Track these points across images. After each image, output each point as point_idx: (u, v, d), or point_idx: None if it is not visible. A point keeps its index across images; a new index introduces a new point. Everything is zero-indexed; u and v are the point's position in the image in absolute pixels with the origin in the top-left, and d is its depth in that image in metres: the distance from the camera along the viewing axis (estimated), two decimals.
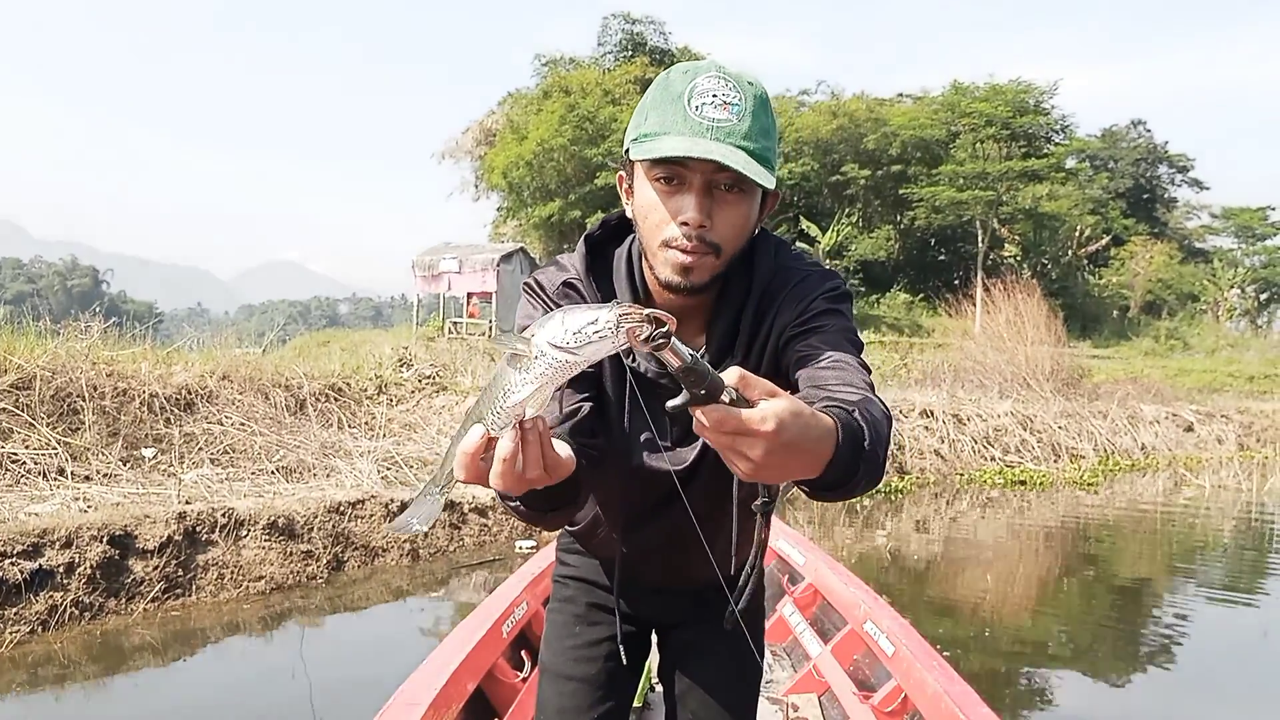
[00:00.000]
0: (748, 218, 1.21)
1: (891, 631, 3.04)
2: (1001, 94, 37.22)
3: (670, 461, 1.36)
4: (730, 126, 1.12)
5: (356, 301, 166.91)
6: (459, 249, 27.56)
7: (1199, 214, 53.64)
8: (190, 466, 7.13)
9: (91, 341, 8.10)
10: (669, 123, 1.14)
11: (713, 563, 1.35)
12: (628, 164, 1.24)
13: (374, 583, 6.01)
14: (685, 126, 1.12)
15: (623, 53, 39.59)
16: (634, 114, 1.23)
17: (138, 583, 4.97)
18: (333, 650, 4.94)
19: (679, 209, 1.16)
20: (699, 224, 1.15)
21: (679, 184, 1.16)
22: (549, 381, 0.86)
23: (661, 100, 1.16)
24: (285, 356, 11.90)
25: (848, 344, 1.21)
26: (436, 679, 2.41)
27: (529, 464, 0.93)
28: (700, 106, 1.13)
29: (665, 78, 1.19)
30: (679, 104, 1.14)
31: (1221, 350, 36.28)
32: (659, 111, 1.16)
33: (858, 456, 0.91)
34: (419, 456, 8.42)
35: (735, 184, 1.15)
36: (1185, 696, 4.75)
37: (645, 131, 1.16)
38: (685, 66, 1.18)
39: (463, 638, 2.76)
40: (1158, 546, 8.86)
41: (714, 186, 1.15)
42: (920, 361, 17.03)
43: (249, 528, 5.59)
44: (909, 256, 42.92)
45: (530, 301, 1.35)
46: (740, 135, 1.13)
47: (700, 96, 1.13)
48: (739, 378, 0.80)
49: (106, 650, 4.59)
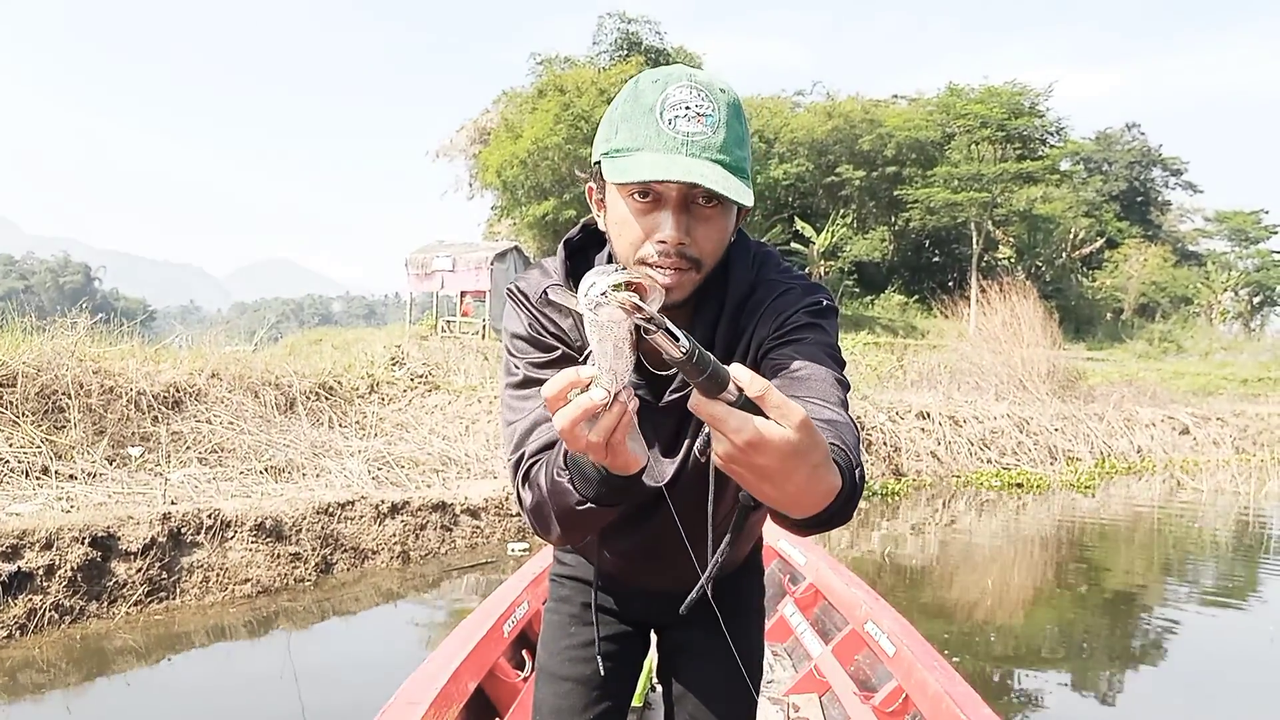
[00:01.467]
0: (726, 230, 1.17)
1: (893, 632, 3.03)
2: (997, 96, 37.18)
3: (655, 475, 1.33)
4: (705, 140, 1.08)
5: (350, 300, 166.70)
6: (453, 247, 27.42)
7: (1192, 217, 53.85)
8: (177, 466, 7.00)
9: (78, 338, 7.97)
10: (641, 138, 1.09)
11: (695, 567, 1.29)
12: (597, 175, 1.19)
13: (364, 585, 5.89)
14: (659, 142, 1.08)
15: (618, 51, 39.44)
16: (602, 124, 1.18)
17: (120, 586, 4.84)
18: (322, 655, 4.83)
19: (655, 226, 1.12)
20: (678, 242, 1.11)
21: (654, 200, 1.11)
22: (601, 340, 0.83)
23: (632, 113, 1.11)
24: (277, 355, 11.76)
25: (826, 358, 1.17)
26: (437, 678, 2.42)
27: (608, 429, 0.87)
28: (673, 120, 1.08)
29: (634, 88, 1.14)
30: (651, 117, 1.09)
31: (1215, 353, 36.31)
32: (630, 125, 1.11)
33: (852, 500, 0.93)
34: (410, 456, 8.31)
35: (713, 198, 1.10)
36: (1184, 699, 4.69)
37: (617, 147, 1.12)
38: (654, 75, 1.13)
39: (464, 637, 2.76)
40: (1155, 550, 8.79)
41: (691, 201, 1.11)
42: (916, 363, 16.94)
43: (236, 529, 5.47)
44: (904, 258, 42.93)
45: (515, 310, 1.32)
46: (716, 148, 1.09)
47: (673, 109, 1.09)
48: (756, 385, 0.76)
49: (87, 655, 4.46)
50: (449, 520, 6.88)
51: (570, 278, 1.28)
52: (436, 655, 2.62)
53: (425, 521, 6.67)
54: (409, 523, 6.55)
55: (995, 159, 37.34)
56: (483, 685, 2.74)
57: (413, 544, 6.47)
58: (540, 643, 1.61)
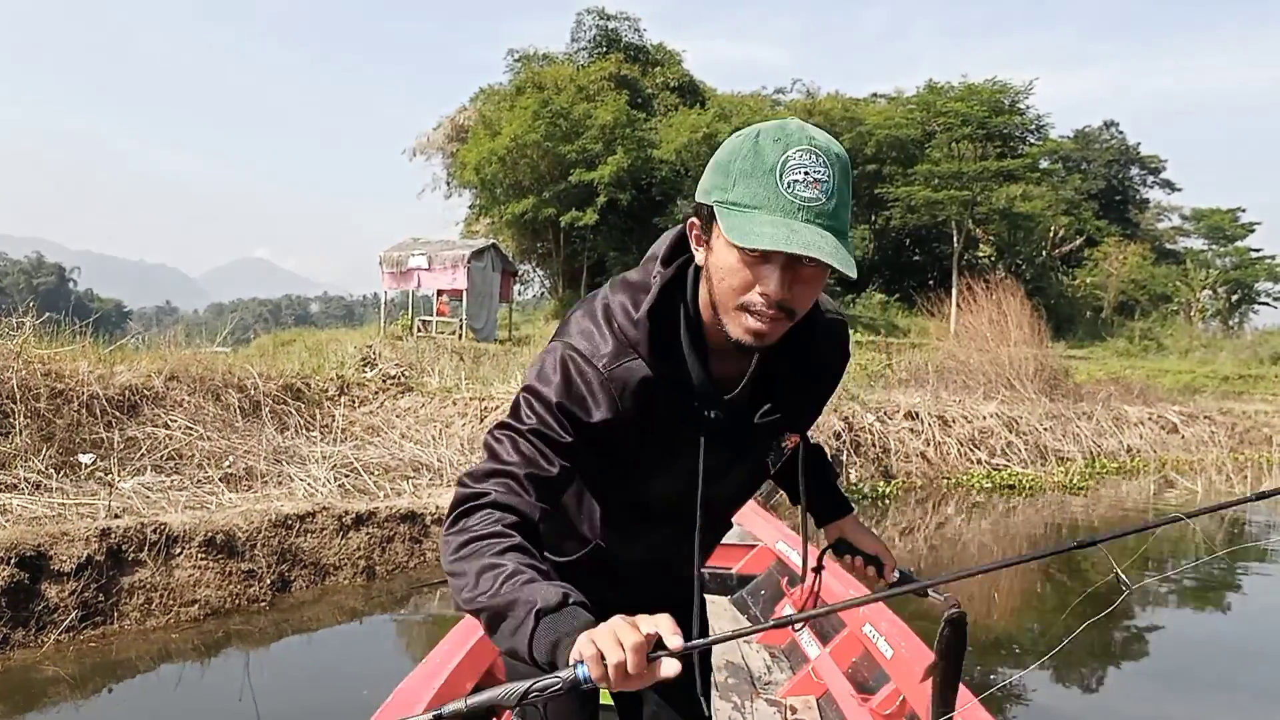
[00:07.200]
0: (821, 284, 1.24)
1: (890, 634, 3.06)
2: (977, 94, 37.02)
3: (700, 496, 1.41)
4: (820, 207, 1.14)
5: (328, 300, 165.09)
6: (428, 245, 26.82)
7: (1170, 215, 54.07)
8: (131, 474, 6.56)
9: (24, 337, 7.49)
10: (760, 198, 1.14)
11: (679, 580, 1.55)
12: (705, 216, 1.23)
13: (325, 604, 5.47)
14: (777, 205, 1.13)
15: (597, 49, 39.11)
16: (715, 168, 1.21)
17: (50, 610, 4.40)
18: (278, 681, 4.42)
19: (761, 278, 1.17)
20: (781, 297, 1.17)
21: (764, 255, 1.16)
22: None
23: (753, 171, 1.15)
24: (247, 356, 11.29)
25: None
26: (435, 678, 2.46)
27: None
28: (792, 184, 1.13)
29: (755, 143, 1.17)
30: (770, 179, 1.13)
31: (1195, 351, 36.32)
32: (749, 183, 1.15)
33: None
34: (380, 462, 7.89)
35: (819, 261, 1.15)
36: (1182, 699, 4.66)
37: (735, 200, 1.16)
38: (775, 134, 1.16)
39: (461, 637, 2.79)
40: (1153, 551, 8.56)
41: (797, 260, 1.15)
42: (904, 362, 16.68)
43: (183, 545, 5.03)
44: (884, 256, 42.78)
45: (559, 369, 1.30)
46: (829, 215, 1.14)
47: (792, 172, 1.13)
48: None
49: (11, 689, 4.03)
50: (419, 531, 6.45)
51: (653, 340, 1.30)
52: (433, 656, 2.65)
53: (393, 533, 6.26)
54: (375, 535, 6.13)
55: (975, 157, 37.22)
56: (480, 685, 2.71)
57: (379, 558, 6.05)
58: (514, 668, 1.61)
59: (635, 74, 37.41)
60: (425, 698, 2.30)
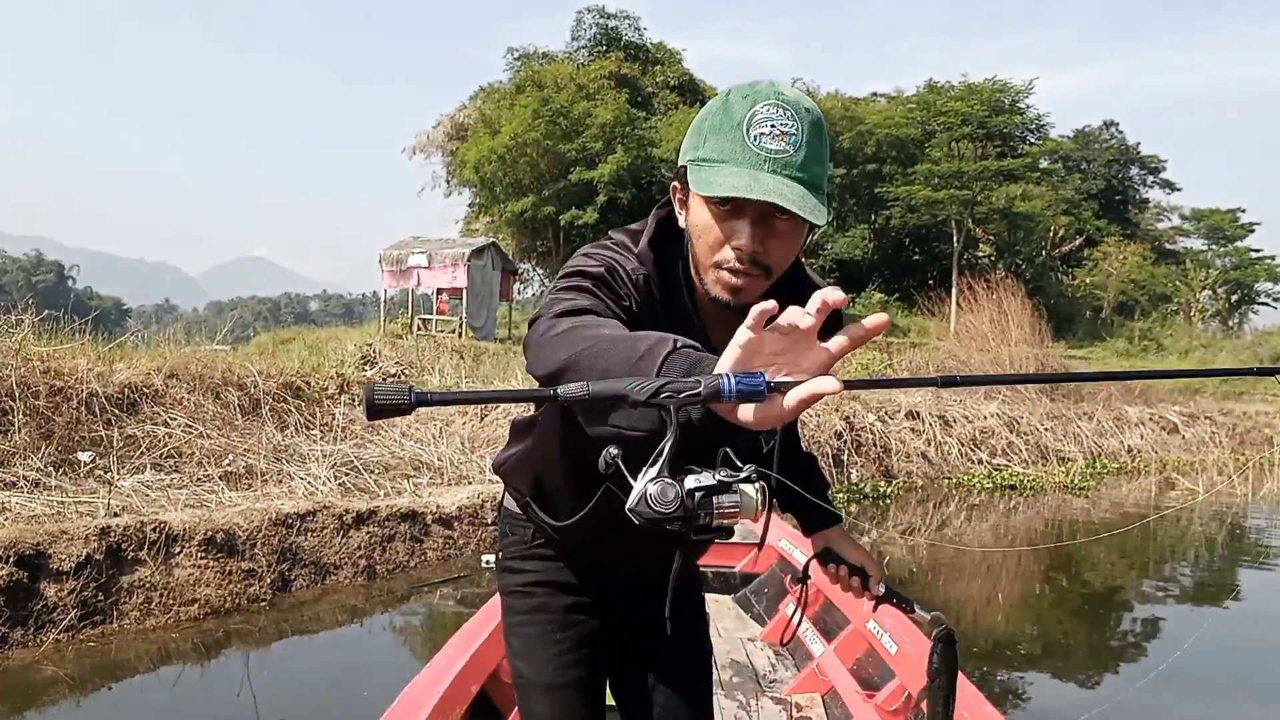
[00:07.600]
0: (798, 242, 1.24)
1: (894, 630, 3.06)
2: (977, 93, 36.94)
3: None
4: (787, 158, 1.14)
5: (327, 298, 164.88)
6: (428, 243, 26.75)
7: (1170, 215, 53.99)
8: (131, 472, 6.54)
9: (23, 335, 7.47)
10: (727, 151, 1.15)
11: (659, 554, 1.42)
12: (683, 177, 1.24)
13: (325, 603, 5.45)
14: (744, 157, 1.14)
15: (597, 47, 39.06)
16: (690, 130, 1.24)
17: (49, 609, 4.38)
18: (278, 681, 4.40)
19: (733, 233, 1.18)
20: (752, 250, 1.17)
21: (734, 209, 1.17)
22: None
23: (721, 126, 1.17)
24: (247, 354, 11.28)
25: None
26: (440, 682, 2.43)
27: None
28: (759, 137, 1.14)
29: (724, 101, 1.19)
30: (737, 132, 1.15)
31: (1195, 351, 36.27)
32: (718, 138, 1.17)
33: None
34: (380, 461, 7.87)
35: (789, 213, 1.14)
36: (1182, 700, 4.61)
37: (704, 156, 1.18)
38: (744, 90, 1.18)
39: (466, 640, 2.77)
40: (1152, 551, 8.56)
41: (768, 215, 1.16)
42: (902, 362, 16.66)
43: (183, 544, 5.01)
44: (884, 256, 42.68)
45: (594, 253, 1.30)
46: (796, 166, 1.14)
47: (759, 125, 1.14)
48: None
49: (10, 689, 4.01)
50: (419, 530, 6.43)
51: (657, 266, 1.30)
52: (439, 659, 2.62)
53: (393, 532, 6.24)
54: (375, 534, 6.11)
55: (975, 156, 37.13)
56: (485, 688, 2.73)
57: (379, 557, 6.03)
58: (519, 657, 1.58)
59: (635, 73, 37.38)
60: (430, 702, 2.28)
